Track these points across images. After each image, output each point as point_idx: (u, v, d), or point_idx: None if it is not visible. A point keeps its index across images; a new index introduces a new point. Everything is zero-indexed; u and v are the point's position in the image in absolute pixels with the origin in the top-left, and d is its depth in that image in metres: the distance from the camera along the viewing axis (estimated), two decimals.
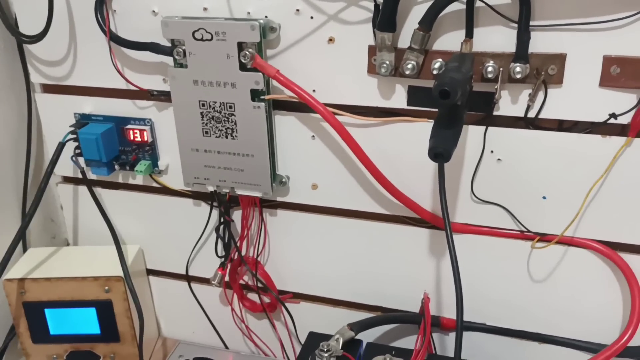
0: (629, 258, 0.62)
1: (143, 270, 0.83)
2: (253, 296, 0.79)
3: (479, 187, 0.64)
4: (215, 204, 0.74)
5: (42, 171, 0.80)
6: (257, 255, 0.75)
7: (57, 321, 0.77)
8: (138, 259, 0.81)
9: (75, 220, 0.83)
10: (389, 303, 0.74)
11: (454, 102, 0.49)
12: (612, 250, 0.62)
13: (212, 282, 0.76)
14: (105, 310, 0.76)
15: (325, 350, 0.64)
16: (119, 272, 0.75)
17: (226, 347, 0.82)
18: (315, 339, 0.66)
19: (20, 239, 0.73)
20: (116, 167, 0.75)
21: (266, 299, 0.78)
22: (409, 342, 0.74)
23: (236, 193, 0.71)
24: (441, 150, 0.50)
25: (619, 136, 0.58)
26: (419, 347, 0.61)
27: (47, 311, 0.76)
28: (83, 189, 0.80)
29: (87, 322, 0.76)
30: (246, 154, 0.67)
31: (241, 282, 0.79)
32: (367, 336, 0.70)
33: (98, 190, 0.79)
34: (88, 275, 0.74)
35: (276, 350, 0.80)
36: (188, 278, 0.81)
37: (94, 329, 0.77)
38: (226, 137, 0.67)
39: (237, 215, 0.74)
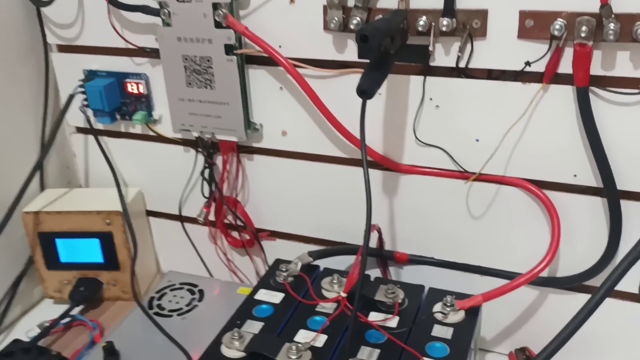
0: (552, 195, 0.70)
1: (143, 211, 0.94)
2: (236, 234, 0.89)
3: (422, 131, 0.73)
4: (199, 149, 0.84)
5: (59, 125, 0.92)
6: (236, 195, 0.85)
7: (67, 250, 0.89)
8: (137, 199, 0.92)
9: (87, 166, 0.96)
10: (351, 239, 0.83)
11: (375, 46, 0.58)
12: (537, 187, 0.70)
13: (198, 218, 0.87)
14: (107, 241, 0.87)
15: (284, 270, 0.74)
16: (119, 208, 0.86)
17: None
18: (279, 264, 0.76)
19: (37, 170, 0.86)
20: (117, 116, 0.87)
21: (247, 236, 0.88)
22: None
23: (216, 138, 0.81)
24: (366, 88, 0.59)
25: (537, 83, 0.65)
26: (356, 267, 0.69)
27: (57, 241, 0.88)
28: (93, 139, 0.92)
29: (91, 251, 0.88)
30: (222, 102, 0.78)
31: (226, 221, 0.89)
32: (328, 266, 0.79)
33: (104, 139, 0.91)
34: (92, 209, 0.86)
35: (253, 278, 0.90)
36: (181, 218, 0.92)
37: (98, 257, 0.89)
38: (205, 87, 0.77)
39: (219, 160, 0.85)
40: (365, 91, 0.59)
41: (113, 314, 0.89)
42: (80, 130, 0.94)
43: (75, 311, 0.88)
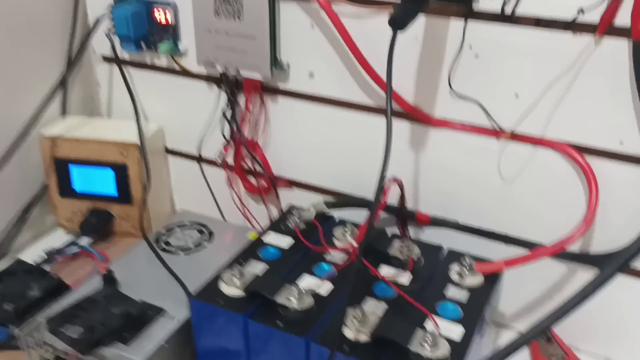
0: (593, 162, 0.64)
1: (162, 148, 0.92)
2: (253, 179, 0.86)
3: (457, 82, 0.67)
4: (223, 85, 0.81)
5: (85, 46, 0.90)
6: (257, 139, 0.82)
7: (81, 178, 0.87)
8: (157, 135, 0.89)
9: (110, 97, 0.93)
10: (372, 194, 0.78)
11: None
12: (578, 152, 0.64)
13: (216, 159, 0.84)
14: (121, 173, 0.85)
15: (296, 215, 0.70)
16: (136, 140, 0.83)
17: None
18: (293, 209, 0.72)
19: (59, 89, 0.84)
20: (143, 45, 0.84)
21: (264, 183, 0.85)
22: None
23: (241, 76, 0.77)
24: (398, 17, 0.55)
25: (589, 34, 0.59)
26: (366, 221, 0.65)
27: (72, 168, 0.86)
28: (118, 69, 0.89)
29: (105, 182, 0.86)
30: (249, 35, 0.74)
31: (244, 166, 0.86)
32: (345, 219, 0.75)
33: (129, 70, 0.89)
34: (109, 139, 0.84)
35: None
36: (200, 159, 0.89)
37: (111, 190, 0.87)
38: (234, 18, 0.74)
39: (243, 101, 0.81)
40: (397, 21, 0.55)
41: (121, 248, 0.86)
42: (106, 59, 0.91)
43: (84, 241, 0.87)
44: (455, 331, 0.55)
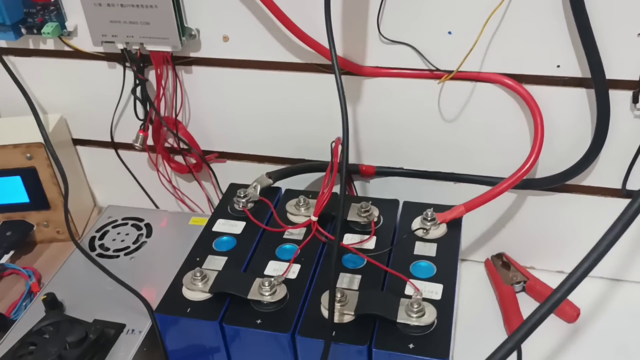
0: (532, 89, 0.63)
1: (69, 140, 0.83)
2: (180, 158, 0.79)
3: (386, 26, 0.64)
4: (127, 64, 0.72)
5: None
6: (176, 115, 0.75)
7: None
8: (60, 127, 0.80)
9: None
10: (311, 155, 0.75)
11: None
12: (517, 82, 0.63)
13: (135, 144, 0.76)
14: (30, 178, 0.76)
15: (242, 196, 0.66)
16: (39, 139, 0.74)
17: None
18: (235, 189, 0.68)
19: None
20: (23, 30, 0.73)
21: (192, 160, 0.79)
22: None
23: (146, 49, 0.69)
24: None
25: None
26: (326, 187, 0.61)
27: None
28: None
29: (14, 191, 0.77)
30: (149, 5, 0.65)
31: (167, 145, 0.79)
32: (289, 187, 0.72)
33: (11, 59, 0.77)
34: (8, 143, 0.74)
35: (204, 206, 0.82)
36: (114, 145, 0.81)
37: (23, 197, 0.78)
38: None
39: (152, 76, 0.73)
40: None
41: (49, 257, 0.79)
42: None
43: (5, 259, 0.78)
44: (435, 290, 0.54)
